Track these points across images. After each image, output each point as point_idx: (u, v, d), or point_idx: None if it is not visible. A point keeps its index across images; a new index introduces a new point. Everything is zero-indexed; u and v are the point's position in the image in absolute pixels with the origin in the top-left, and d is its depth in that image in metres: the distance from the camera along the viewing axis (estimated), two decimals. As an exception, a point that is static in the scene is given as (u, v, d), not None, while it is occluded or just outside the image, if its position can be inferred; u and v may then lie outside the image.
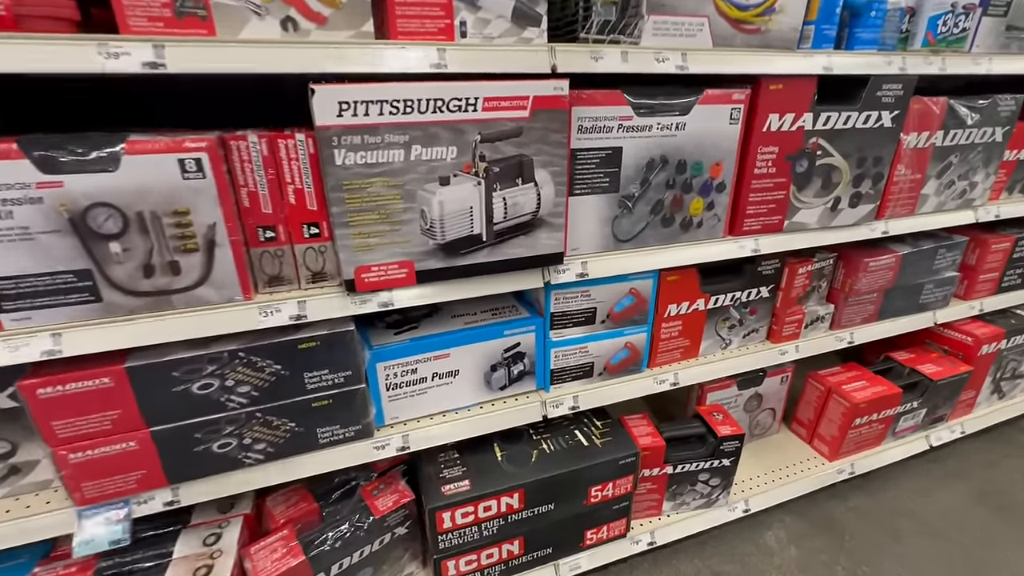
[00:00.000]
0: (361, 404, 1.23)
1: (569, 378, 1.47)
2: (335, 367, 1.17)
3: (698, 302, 1.54)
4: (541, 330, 1.38)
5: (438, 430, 1.34)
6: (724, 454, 1.60)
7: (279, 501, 1.37)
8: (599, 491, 1.46)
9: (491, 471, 1.38)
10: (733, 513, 1.75)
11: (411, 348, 1.27)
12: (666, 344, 1.56)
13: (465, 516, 1.32)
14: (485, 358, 1.35)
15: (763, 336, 1.73)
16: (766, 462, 1.93)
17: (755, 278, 1.60)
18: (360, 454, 1.27)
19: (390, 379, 1.27)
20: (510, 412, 1.39)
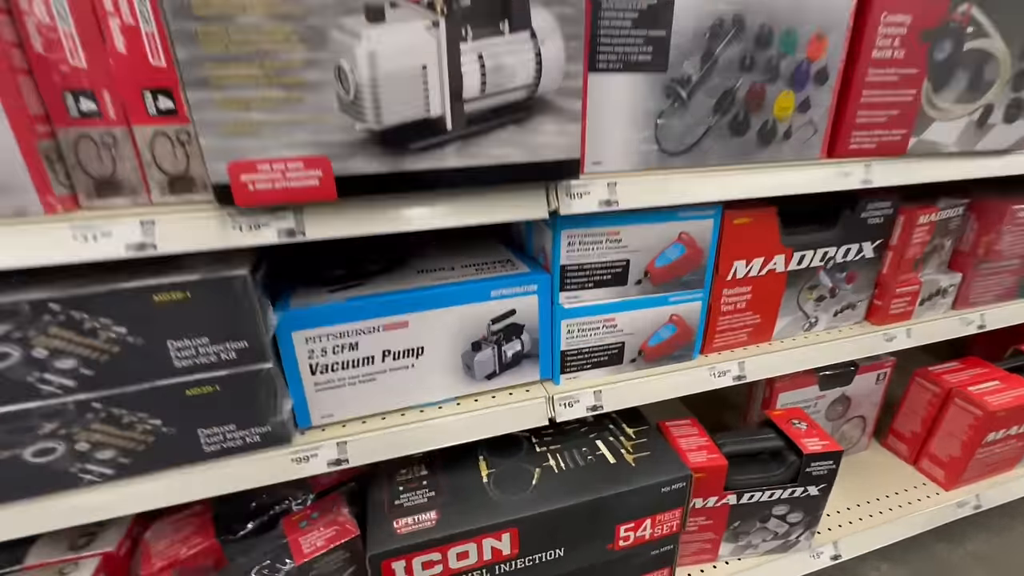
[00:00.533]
0: (267, 394, 0.81)
1: (588, 365, 1.02)
2: (220, 334, 0.75)
3: (776, 260, 1.07)
4: (546, 291, 0.94)
5: (393, 437, 0.90)
6: (811, 479, 1.12)
7: (164, 532, 0.95)
8: (631, 531, 1.00)
9: (472, 497, 0.94)
10: (817, 561, 1.26)
11: (348, 311, 0.84)
12: (729, 320, 1.09)
13: (428, 567, 0.88)
14: (463, 331, 0.91)
15: (861, 315, 1.25)
16: (856, 489, 1.43)
17: (857, 229, 1.12)
18: (270, 470, 0.84)
19: (316, 357, 0.84)
20: (501, 413, 0.95)
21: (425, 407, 0.94)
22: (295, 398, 0.86)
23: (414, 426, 0.91)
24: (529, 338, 0.96)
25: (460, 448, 1.06)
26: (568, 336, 0.98)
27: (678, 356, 1.08)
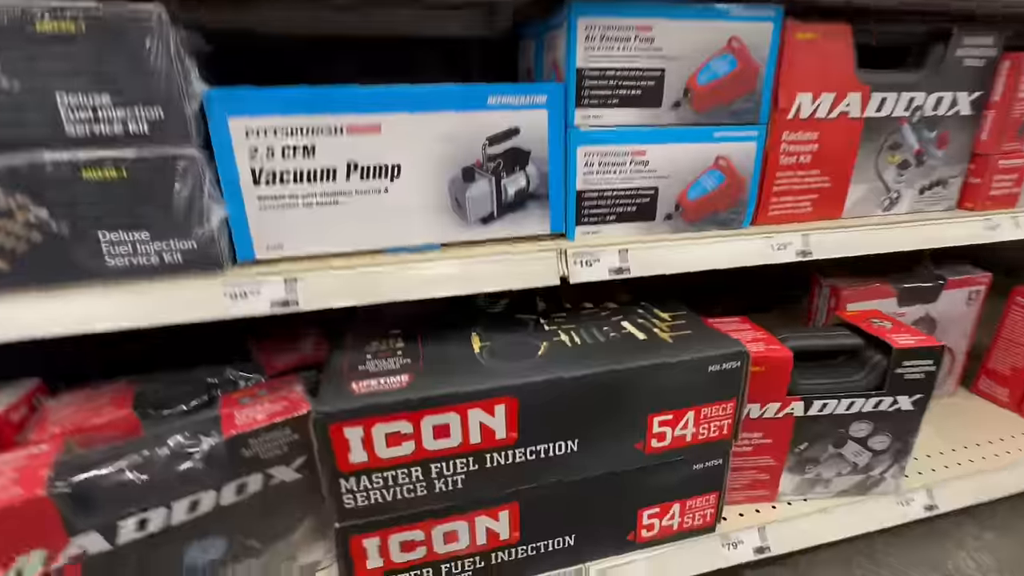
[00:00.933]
0: (191, 192, 0.62)
1: (612, 216, 0.80)
2: (125, 92, 0.58)
3: (850, 99, 0.84)
4: (558, 106, 0.74)
5: (358, 280, 0.70)
6: (903, 385, 0.86)
7: (72, 402, 0.76)
8: (668, 425, 0.76)
9: (458, 364, 0.72)
10: (907, 509, 0.98)
11: (303, 99, 0.65)
12: (789, 179, 0.87)
13: (395, 442, 0.65)
14: (452, 150, 0.72)
15: (954, 197, 1.00)
16: (951, 432, 1.15)
17: (951, 72, 0.89)
18: (193, 303, 0.65)
19: (261, 160, 0.66)
20: (499, 264, 0.74)
21: (401, 252, 0.74)
22: (233, 214, 0.67)
23: (385, 268, 0.70)
24: (536, 171, 0.76)
25: (446, 323, 0.85)
26: (586, 171, 0.77)
27: (725, 220, 0.85)
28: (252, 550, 0.74)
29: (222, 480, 0.69)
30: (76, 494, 0.60)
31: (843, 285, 1.09)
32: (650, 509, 0.81)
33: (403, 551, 0.72)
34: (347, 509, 0.67)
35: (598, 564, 0.82)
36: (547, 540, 0.78)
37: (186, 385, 0.82)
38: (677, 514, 0.83)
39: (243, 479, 0.70)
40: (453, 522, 0.72)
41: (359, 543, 0.69)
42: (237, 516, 0.71)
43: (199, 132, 0.63)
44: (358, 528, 0.69)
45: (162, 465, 0.65)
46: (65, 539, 0.60)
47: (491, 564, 0.77)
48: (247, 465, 0.70)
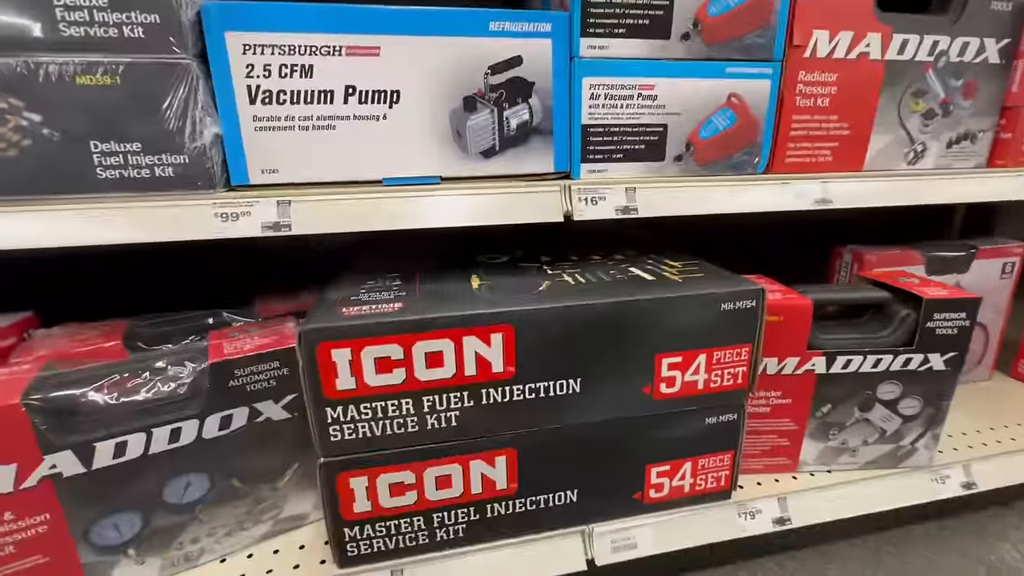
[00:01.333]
0: (185, 103, 0.61)
1: (619, 155, 0.77)
2: (121, -5, 0.57)
3: (870, 39, 0.81)
4: (563, 36, 0.72)
5: (353, 206, 0.67)
6: (935, 341, 0.80)
7: (61, 333, 0.74)
8: (677, 368, 0.71)
9: (453, 297, 0.68)
10: (943, 487, 0.90)
11: (301, 14, 0.64)
12: (807, 123, 0.83)
13: (385, 368, 0.62)
14: (452, 77, 0.70)
15: (984, 154, 0.95)
16: (988, 414, 1.07)
17: (977, 17, 0.85)
18: (183, 221, 0.63)
19: (258, 77, 0.64)
20: (500, 198, 0.71)
21: (399, 183, 0.72)
22: (228, 134, 0.65)
23: (383, 198, 0.68)
24: (540, 105, 0.74)
25: (445, 267, 0.82)
26: (592, 104, 0.74)
27: (738, 163, 0.82)
28: (235, 490, 0.70)
29: (206, 410, 0.66)
30: (51, 409, 0.58)
31: (866, 252, 1.03)
32: (659, 466, 0.76)
33: (393, 495, 0.67)
34: (333, 442, 0.63)
35: (602, 526, 0.76)
36: (547, 494, 0.73)
37: (180, 324, 0.80)
38: (689, 474, 0.77)
39: (228, 411, 0.67)
40: (446, 465, 0.68)
41: (345, 482, 0.65)
42: (220, 452, 0.68)
43: (195, 43, 0.62)
44: (344, 465, 0.64)
45: (143, 389, 0.63)
46: (39, 456, 0.58)
47: (487, 517, 0.72)
48: (232, 396, 0.67)
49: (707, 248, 1.43)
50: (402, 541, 0.70)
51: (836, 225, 1.32)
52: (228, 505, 0.71)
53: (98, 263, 1.10)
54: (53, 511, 0.60)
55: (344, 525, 0.67)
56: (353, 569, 0.70)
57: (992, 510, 1.09)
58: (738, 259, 1.23)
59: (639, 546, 0.78)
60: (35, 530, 0.59)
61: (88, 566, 0.63)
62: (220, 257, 1.18)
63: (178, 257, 1.12)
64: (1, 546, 0.58)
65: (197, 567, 0.71)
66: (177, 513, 0.67)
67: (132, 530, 0.65)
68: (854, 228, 1.29)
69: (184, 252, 1.05)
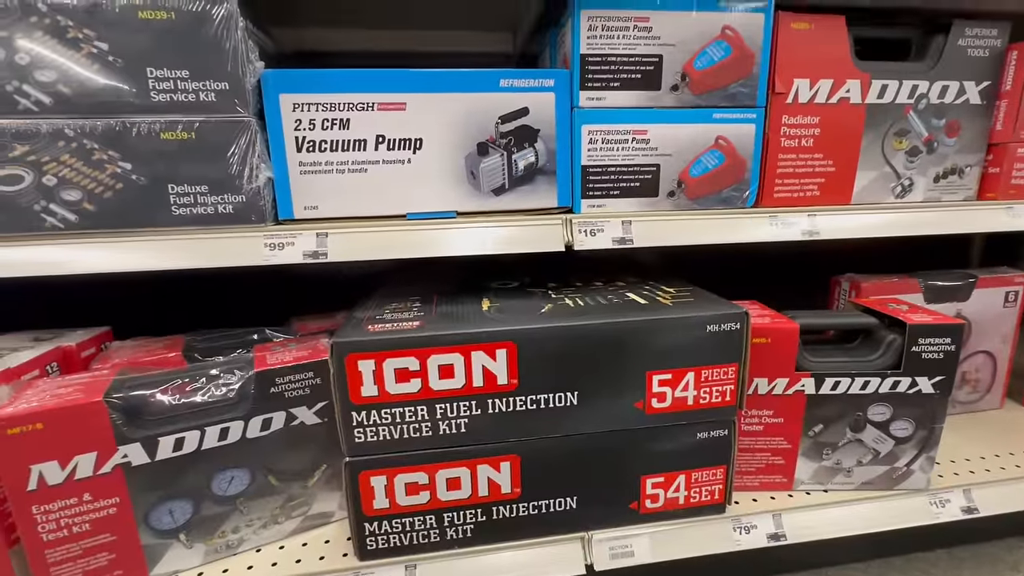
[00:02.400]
0: (244, 152, 0.74)
1: (616, 191, 0.86)
2: (200, 69, 0.71)
3: (849, 85, 0.89)
4: (565, 90, 0.82)
5: (381, 237, 0.78)
6: (921, 365, 0.84)
7: (131, 347, 0.86)
8: (668, 385, 0.77)
9: (465, 318, 0.77)
10: (942, 511, 0.91)
11: (341, 79, 0.76)
12: (792, 161, 0.90)
13: (404, 378, 0.71)
14: (468, 126, 0.81)
15: (973, 186, 0.99)
16: (986, 441, 1.08)
17: (955, 62, 0.92)
18: (239, 250, 0.75)
19: (304, 130, 0.77)
20: (508, 229, 0.81)
21: (422, 217, 0.82)
22: (278, 176, 0.78)
23: (406, 230, 0.79)
24: (545, 148, 0.84)
25: (462, 288, 0.92)
26: (590, 147, 0.84)
27: (728, 198, 0.89)
28: (271, 487, 0.80)
29: (250, 413, 0.76)
30: (126, 406, 0.69)
31: (863, 280, 1.08)
32: (654, 477, 0.81)
33: (408, 494, 0.75)
34: (357, 443, 0.72)
35: (601, 533, 0.82)
36: (548, 499, 0.79)
37: (230, 339, 0.91)
38: (683, 486, 0.83)
39: (268, 415, 0.77)
40: (456, 467, 0.75)
41: (367, 480, 0.73)
42: (261, 450, 0.78)
43: (255, 104, 0.75)
44: (366, 464, 0.73)
45: (199, 393, 0.74)
46: (114, 447, 0.69)
47: (492, 519, 0.78)
48: (272, 401, 0.77)
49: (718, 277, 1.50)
50: (416, 538, 0.77)
51: (848, 255, 1.36)
52: (265, 499, 0.80)
53: (163, 286, 1.25)
54: (122, 495, 0.70)
55: (365, 520, 0.75)
56: (372, 562, 0.77)
57: (1009, 540, 1.08)
58: (748, 287, 1.29)
59: (636, 554, 0.83)
60: (107, 511, 0.70)
61: (147, 547, 0.73)
62: (265, 283, 1.31)
63: (229, 283, 1.26)
64: (80, 523, 0.69)
65: (236, 555, 0.80)
66: (221, 504, 0.77)
67: (184, 516, 0.75)
68: (867, 258, 1.33)
69: (235, 278, 1.19)
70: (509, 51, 1.22)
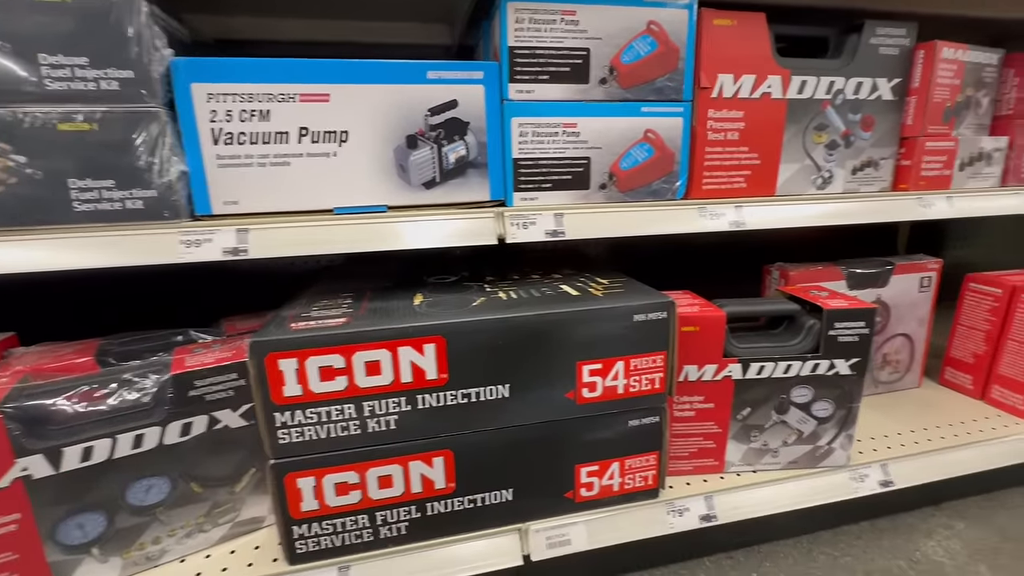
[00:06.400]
0: (153, 144, 0.70)
1: (548, 184, 0.87)
2: (100, 55, 0.66)
3: (771, 81, 0.92)
4: (494, 82, 0.82)
5: (306, 233, 0.76)
6: (838, 348, 0.88)
7: (37, 352, 0.81)
8: (597, 375, 0.79)
9: (394, 313, 0.76)
10: (862, 485, 0.97)
11: (259, 68, 0.74)
12: (719, 154, 0.93)
13: (328, 376, 0.69)
14: (396, 119, 0.79)
15: (888, 178, 1.05)
16: (905, 418, 1.15)
17: (868, 60, 0.96)
18: (152, 247, 0.71)
19: (220, 121, 0.74)
20: (439, 223, 0.80)
21: (348, 212, 0.80)
22: (193, 171, 0.74)
23: (334, 225, 0.77)
24: (475, 141, 0.83)
25: (400, 283, 0.91)
26: (521, 140, 0.84)
27: (658, 190, 0.91)
28: (194, 494, 0.76)
29: (167, 418, 0.72)
30: (24, 416, 0.65)
31: (791, 268, 1.13)
32: (588, 466, 0.83)
33: (338, 494, 0.74)
34: (281, 445, 0.70)
35: (538, 524, 0.83)
36: (483, 493, 0.79)
37: (150, 342, 0.87)
38: (617, 474, 0.84)
39: (188, 419, 0.74)
40: (387, 465, 0.74)
41: (294, 482, 0.71)
42: (181, 457, 0.74)
43: (165, 93, 0.71)
44: (293, 465, 0.71)
45: (109, 399, 0.70)
46: (11, 459, 0.64)
47: (427, 515, 0.78)
48: (192, 405, 0.74)
49: (661, 268, 1.53)
50: (348, 539, 0.76)
51: (784, 244, 1.42)
52: (188, 507, 0.76)
53: (83, 289, 1.18)
54: (24, 510, 0.66)
55: (293, 523, 0.73)
56: (303, 566, 0.75)
57: (924, 510, 1.16)
58: (688, 277, 1.33)
59: (573, 542, 0.84)
60: (7, 528, 0.65)
61: (54, 564, 0.69)
62: (201, 282, 1.26)
63: (159, 283, 1.20)
64: (-26, 543, 0.64)
65: (158, 566, 0.76)
66: (139, 514, 0.73)
67: (96, 530, 0.71)
68: (802, 247, 1.39)
69: (163, 279, 1.13)
70: (448, 43, 1.21)
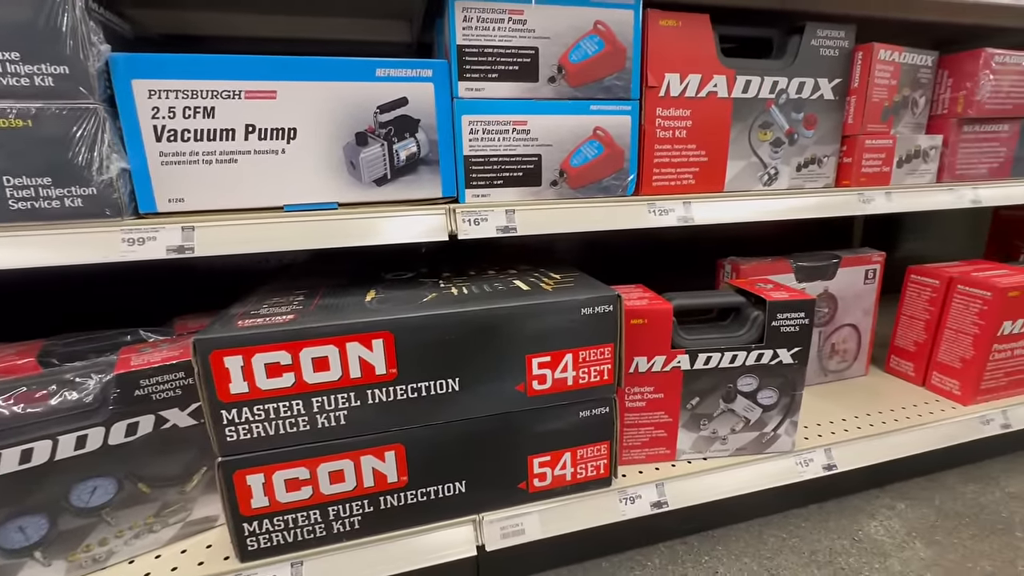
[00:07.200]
0: (92, 142, 0.69)
1: (499, 181, 0.88)
2: (33, 50, 0.65)
3: (717, 81, 0.95)
4: (444, 80, 0.83)
5: (254, 231, 0.76)
6: (780, 338, 0.92)
7: (-23, 353, 0.79)
8: (547, 367, 0.80)
9: (345, 309, 0.77)
10: (807, 469, 1.01)
11: (202, 64, 0.73)
12: (668, 152, 0.95)
13: (275, 373, 0.69)
14: (345, 116, 0.80)
15: (831, 175, 1.09)
16: (851, 405, 1.20)
17: (810, 60, 1.00)
18: (92, 246, 0.70)
19: (163, 118, 0.73)
20: (390, 220, 0.80)
21: (299, 209, 0.80)
22: (136, 168, 0.73)
23: (284, 223, 0.77)
24: (426, 138, 0.84)
25: (355, 280, 0.91)
26: (472, 137, 0.85)
27: (609, 187, 0.93)
28: (142, 495, 0.76)
29: (111, 418, 0.72)
30: (-42, 419, 0.63)
31: (743, 262, 1.16)
32: (540, 457, 0.84)
33: (288, 491, 0.74)
34: (229, 442, 0.70)
35: (492, 515, 0.84)
36: (436, 485, 0.81)
37: (96, 342, 0.85)
38: (569, 464, 0.86)
39: (134, 419, 0.73)
40: (338, 460, 0.75)
41: (243, 479, 0.72)
42: (128, 457, 0.74)
43: (104, 89, 0.70)
44: (241, 463, 0.71)
45: (50, 400, 0.69)
46: (-56, 463, 0.63)
47: (380, 509, 0.79)
48: (138, 405, 0.73)
49: (622, 262, 1.55)
50: (300, 534, 0.76)
51: (741, 238, 1.46)
52: (136, 508, 0.76)
53: (29, 289, 1.15)
54: (-41, 515, 0.65)
55: (243, 520, 0.73)
56: (254, 563, 0.76)
57: (870, 492, 1.21)
58: (648, 271, 1.36)
59: (527, 532, 0.86)
60: (-60, 533, 0.64)
61: (-6, 569, 0.68)
62: (151, 282, 1.24)
63: (109, 283, 1.18)
64: (-95, 549, 0.62)
65: (105, 568, 0.75)
66: (84, 516, 0.72)
67: (39, 533, 0.70)
68: (759, 240, 1.43)
69: (116, 278, 1.11)
70: (408, 40, 1.21)
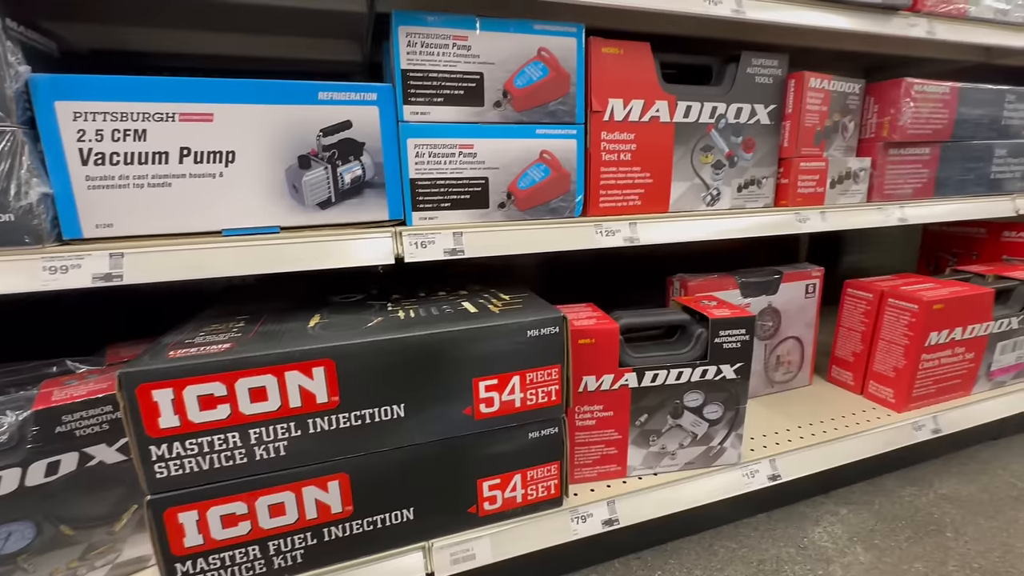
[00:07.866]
0: (11, 168, 0.65)
1: (447, 204, 0.88)
2: (-58, 71, 0.62)
3: (659, 106, 0.98)
4: (389, 103, 0.82)
5: (188, 256, 0.73)
6: (723, 354, 0.95)
7: None
8: (494, 390, 0.80)
9: (285, 336, 0.75)
10: (752, 481, 1.04)
11: (132, 86, 0.71)
12: (614, 174, 0.98)
13: (209, 405, 0.67)
14: (286, 140, 0.78)
15: (770, 195, 1.14)
16: (798, 415, 1.24)
17: (746, 87, 1.05)
18: (10, 275, 0.66)
19: (90, 141, 0.70)
20: (335, 243, 0.79)
21: (238, 234, 0.78)
22: (59, 192, 0.70)
23: (222, 247, 0.75)
24: (371, 161, 0.83)
25: (301, 304, 0.89)
26: (418, 161, 0.85)
27: (556, 208, 0.95)
28: (64, 538, 0.71)
29: (29, 457, 0.67)
30: None
31: (691, 279, 1.20)
32: (490, 480, 0.84)
33: (225, 527, 0.71)
34: (159, 479, 0.67)
35: (441, 540, 0.83)
36: (384, 513, 0.79)
37: (17, 375, 0.80)
38: (519, 485, 0.86)
39: (55, 457, 0.69)
40: (278, 493, 0.72)
41: (174, 517, 0.68)
42: (47, 498, 0.69)
43: (24, 111, 0.67)
44: (173, 500, 0.68)
45: (-40, 440, 0.64)
46: None
47: (324, 541, 0.76)
48: (60, 442, 0.69)
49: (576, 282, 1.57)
50: (237, 572, 0.73)
51: (691, 256, 1.50)
52: (57, 552, 0.71)
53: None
54: None
55: (175, 561, 0.70)
56: (189, 604, 0.72)
57: (816, 499, 1.25)
58: (601, 290, 1.38)
59: (477, 556, 0.85)
60: None
61: None
62: (84, 309, 1.18)
63: (38, 311, 1.12)
64: None
65: (22, 619, 0.70)
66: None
67: (-56, 585, 0.65)
68: (710, 258, 1.47)
69: (45, 306, 1.05)
70: (358, 60, 1.21)
